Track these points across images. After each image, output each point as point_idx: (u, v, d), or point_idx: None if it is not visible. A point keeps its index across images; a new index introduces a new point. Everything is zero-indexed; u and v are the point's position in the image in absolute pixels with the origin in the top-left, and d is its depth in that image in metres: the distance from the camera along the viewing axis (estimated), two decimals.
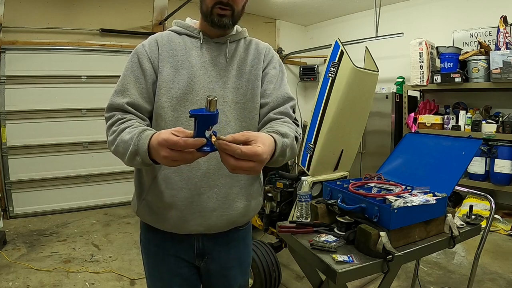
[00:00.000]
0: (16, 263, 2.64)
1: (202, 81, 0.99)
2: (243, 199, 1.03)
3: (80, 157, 4.10)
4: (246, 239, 1.16)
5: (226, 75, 1.02)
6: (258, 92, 1.05)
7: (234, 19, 1.00)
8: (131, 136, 0.85)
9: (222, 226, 1.02)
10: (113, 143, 0.90)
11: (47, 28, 3.88)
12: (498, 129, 3.38)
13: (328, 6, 5.00)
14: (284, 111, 1.03)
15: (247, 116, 1.03)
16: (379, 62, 2.33)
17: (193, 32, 1.03)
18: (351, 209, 1.29)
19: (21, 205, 3.82)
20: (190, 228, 0.99)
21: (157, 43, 1.00)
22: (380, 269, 1.13)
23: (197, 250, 1.05)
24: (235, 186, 1.01)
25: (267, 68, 1.09)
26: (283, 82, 1.10)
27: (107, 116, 0.96)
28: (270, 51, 1.12)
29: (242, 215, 1.05)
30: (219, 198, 0.99)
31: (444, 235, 1.32)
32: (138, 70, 0.97)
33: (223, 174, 0.98)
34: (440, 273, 2.58)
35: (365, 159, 4.48)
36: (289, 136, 0.91)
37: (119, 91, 0.97)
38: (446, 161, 1.52)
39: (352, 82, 2.04)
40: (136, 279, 2.46)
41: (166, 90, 0.96)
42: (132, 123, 0.91)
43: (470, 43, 3.88)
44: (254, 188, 1.07)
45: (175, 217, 0.98)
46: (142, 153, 0.81)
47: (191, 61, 0.99)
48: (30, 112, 3.80)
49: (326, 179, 2.14)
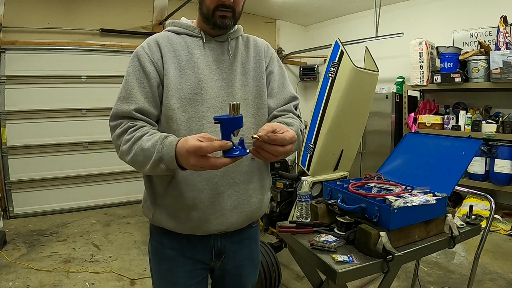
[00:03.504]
0: (16, 263, 2.64)
1: (210, 80, 0.98)
2: (258, 194, 1.05)
3: (80, 157, 4.10)
4: (257, 236, 1.18)
5: (232, 72, 1.02)
6: (264, 89, 1.06)
7: (235, 19, 1.00)
8: (152, 143, 0.84)
9: (242, 223, 1.04)
10: (129, 153, 0.88)
11: (47, 28, 3.89)
12: (498, 129, 3.38)
13: (328, 6, 5.00)
14: (288, 109, 1.08)
15: (256, 112, 1.03)
16: (379, 62, 2.33)
17: (193, 31, 1.02)
18: (351, 209, 1.29)
19: (21, 205, 3.82)
20: (212, 228, 0.98)
21: (157, 44, 0.98)
22: (380, 269, 1.13)
23: (215, 250, 1.05)
24: (252, 181, 1.03)
25: (270, 66, 1.10)
26: (286, 81, 1.13)
27: (113, 125, 0.93)
28: (269, 48, 1.13)
29: (258, 209, 1.07)
30: (239, 195, 1.00)
31: (444, 235, 1.32)
32: (141, 74, 0.94)
33: (241, 171, 0.99)
34: (440, 273, 2.58)
35: (365, 159, 4.48)
36: (294, 125, 0.96)
37: (123, 97, 0.93)
38: (446, 161, 1.52)
39: (352, 82, 2.04)
40: (136, 279, 2.46)
41: (174, 92, 0.94)
42: (147, 130, 0.90)
43: (470, 43, 3.88)
44: (266, 182, 1.10)
45: (196, 218, 0.96)
46: (168, 160, 0.82)
47: (196, 60, 0.98)
48: (30, 112, 3.80)
49: (326, 179, 2.14)
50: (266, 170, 1.11)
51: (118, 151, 0.92)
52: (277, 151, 0.81)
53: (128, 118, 0.92)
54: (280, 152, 0.82)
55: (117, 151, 0.93)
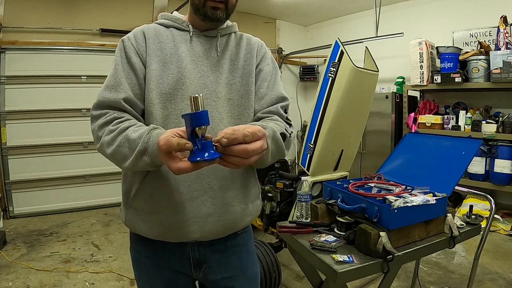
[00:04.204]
0: (16, 263, 2.64)
1: (193, 76, 0.92)
2: (240, 203, 0.96)
3: (80, 157, 4.10)
4: (248, 244, 1.06)
5: (218, 69, 0.95)
6: (252, 88, 0.99)
7: (228, 12, 0.94)
8: (139, 134, 0.77)
9: (218, 233, 0.94)
10: (111, 144, 0.81)
11: (47, 28, 3.88)
12: (498, 129, 3.38)
13: (328, 6, 5.00)
14: (274, 110, 0.98)
15: (241, 113, 0.96)
16: (379, 62, 2.33)
17: (181, 24, 0.97)
18: (351, 209, 1.29)
19: (21, 205, 3.82)
20: (184, 235, 0.90)
21: (143, 34, 0.93)
22: (380, 269, 1.13)
23: (193, 260, 0.96)
24: (231, 188, 0.93)
25: (261, 64, 1.03)
26: (277, 80, 1.04)
27: (96, 114, 0.86)
28: (262, 47, 1.06)
29: (240, 220, 0.97)
30: (215, 202, 0.91)
31: (444, 235, 1.32)
32: (127, 65, 0.90)
33: (217, 175, 0.90)
34: (440, 273, 2.58)
35: (365, 159, 4.48)
36: (268, 128, 0.83)
37: (111, 86, 0.87)
38: (446, 161, 1.52)
39: (352, 82, 2.04)
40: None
41: (155, 86, 0.89)
42: (134, 122, 0.84)
43: (470, 43, 3.88)
44: (251, 190, 1.00)
45: (167, 223, 0.89)
46: (153, 153, 0.73)
47: (180, 54, 0.92)
48: (30, 112, 3.80)
49: (326, 179, 2.14)
50: (252, 177, 1.00)
51: (98, 143, 0.85)
52: (245, 151, 0.68)
53: (115, 109, 0.86)
54: (248, 152, 0.69)
55: (96, 142, 0.86)
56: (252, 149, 0.70)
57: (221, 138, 0.67)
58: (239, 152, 0.69)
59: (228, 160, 0.70)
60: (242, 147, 0.68)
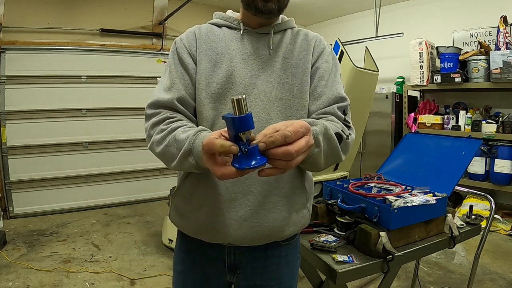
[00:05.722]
0: (16, 263, 2.64)
1: (243, 75, 0.88)
2: (282, 211, 0.89)
3: (80, 157, 4.10)
4: (289, 257, 1.00)
5: (270, 68, 0.91)
6: (306, 88, 0.92)
7: (280, 4, 0.89)
8: (187, 135, 0.76)
9: (254, 239, 0.88)
10: (160, 143, 0.81)
11: (47, 28, 3.89)
12: (498, 129, 3.38)
13: (328, 6, 5.00)
14: (330, 111, 0.90)
15: (293, 114, 0.90)
16: (379, 62, 2.33)
17: (232, 23, 0.94)
18: (351, 209, 1.29)
19: (21, 205, 3.82)
20: (218, 236, 0.88)
21: (195, 35, 0.93)
22: (380, 269, 1.13)
23: (228, 263, 0.94)
24: (274, 194, 0.88)
25: (318, 61, 0.94)
26: (336, 79, 0.95)
27: (150, 113, 0.86)
28: (321, 42, 0.98)
29: (280, 229, 0.90)
30: (252, 206, 0.86)
31: (444, 235, 1.32)
32: (179, 66, 0.90)
33: (260, 179, 0.85)
34: (440, 273, 2.58)
35: (365, 159, 4.48)
36: (318, 124, 0.75)
37: (166, 87, 0.88)
38: (446, 161, 1.52)
39: (352, 82, 2.03)
40: (136, 279, 2.46)
41: (204, 85, 0.88)
42: (185, 123, 0.83)
43: (470, 43, 3.88)
44: (297, 198, 0.92)
45: (201, 222, 0.89)
46: (198, 154, 0.71)
47: (231, 53, 0.90)
48: (30, 112, 3.80)
49: (326, 179, 2.14)
50: (299, 183, 0.92)
51: (149, 141, 0.85)
52: (287, 153, 0.59)
53: (168, 109, 0.86)
54: (291, 154, 0.59)
55: (147, 141, 0.86)
56: (296, 150, 0.60)
57: (259, 142, 0.60)
58: (280, 155, 0.60)
59: (271, 164, 0.62)
60: (282, 150, 0.60)
